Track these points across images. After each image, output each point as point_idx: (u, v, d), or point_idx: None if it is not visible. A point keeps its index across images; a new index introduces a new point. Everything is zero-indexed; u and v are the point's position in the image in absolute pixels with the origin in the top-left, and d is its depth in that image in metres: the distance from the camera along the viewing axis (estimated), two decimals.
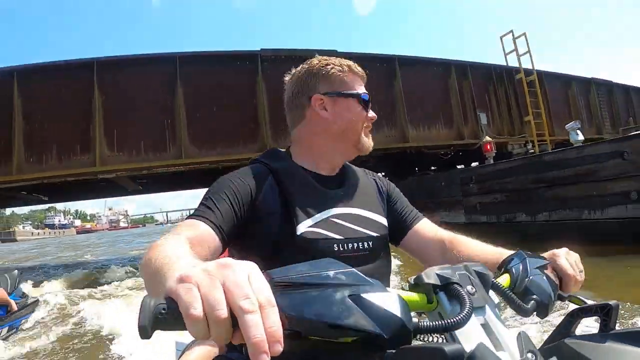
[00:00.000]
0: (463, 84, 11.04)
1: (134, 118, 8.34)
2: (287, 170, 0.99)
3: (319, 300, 0.42)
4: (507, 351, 0.48)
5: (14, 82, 8.09)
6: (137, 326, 0.38)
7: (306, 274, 0.44)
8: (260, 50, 8.88)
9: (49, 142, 8.08)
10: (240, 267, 0.41)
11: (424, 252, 1.07)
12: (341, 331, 0.42)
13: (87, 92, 8.19)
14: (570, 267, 0.77)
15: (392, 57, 9.98)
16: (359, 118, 1.02)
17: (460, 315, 0.46)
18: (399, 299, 0.45)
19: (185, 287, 0.40)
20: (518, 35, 11.60)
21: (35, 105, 8.13)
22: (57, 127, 8.10)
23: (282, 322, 0.39)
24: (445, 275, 0.52)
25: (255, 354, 0.36)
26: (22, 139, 8.01)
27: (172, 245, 0.68)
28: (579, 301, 0.71)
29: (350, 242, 0.94)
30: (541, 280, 0.65)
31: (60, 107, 8.17)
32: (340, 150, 1.04)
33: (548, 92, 12.48)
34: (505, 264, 0.72)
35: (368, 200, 1.04)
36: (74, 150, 8.15)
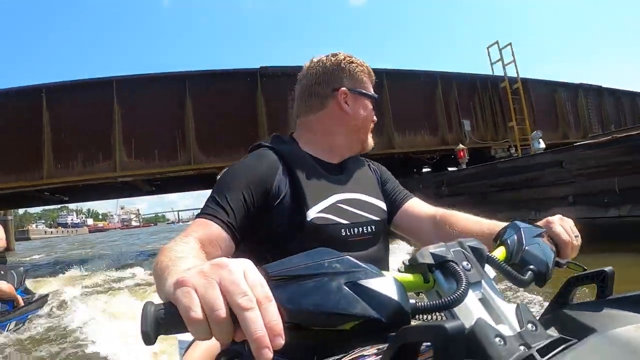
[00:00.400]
0: (448, 94, 11.93)
1: (149, 129, 9.49)
2: (296, 156, 0.99)
3: (316, 290, 0.42)
4: (506, 324, 0.47)
5: (43, 98, 9.30)
6: (140, 333, 0.39)
7: (301, 265, 0.44)
8: (259, 68, 9.96)
9: (75, 150, 9.26)
10: (235, 265, 0.41)
11: (416, 230, 1.06)
12: (340, 319, 0.42)
13: (108, 107, 9.38)
14: (565, 233, 0.76)
15: (380, 71, 10.86)
16: (370, 117, 1.06)
17: (456, 292, 0.46)
18: (395, 281, 0.45)
19: (183, 290, 0.40)
20: (504, 45, 12.37)
21: (61, 119, 9.31)
22: (81, 138, 9.28)
23: (282, 316, 0.39)
24: (440, 254, 0.52)
25: (257, 349, 0.37)
26: (50, 148, 9.19)
27: (178, 248, 0.68)
28: (577, 267, 0.70)
29: (356, 226, 0.94)
30: (537, 249, 0.64)
31: (84, 120, 9.34)
32: (351, 144, 1.06)
33: (533, 98, 13.22)
34: (500, 236, 0.69)
35: (368, 186, 1.05)
36: (97, 158, 9.33)
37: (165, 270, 0.58)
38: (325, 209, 0.92)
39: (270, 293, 0.40)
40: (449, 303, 0.45)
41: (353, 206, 0.97)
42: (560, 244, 0.75)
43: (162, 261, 0.62)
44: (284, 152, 0.98)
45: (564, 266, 0.71)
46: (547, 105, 13.83)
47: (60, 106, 9.33)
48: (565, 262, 0.72)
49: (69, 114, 9.34)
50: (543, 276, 0.62)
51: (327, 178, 0.98)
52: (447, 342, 0.36)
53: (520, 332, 0.45)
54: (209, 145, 9.62)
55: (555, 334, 0.48)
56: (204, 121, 9.58)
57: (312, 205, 0.90)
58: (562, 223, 0.79)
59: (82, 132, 9.28)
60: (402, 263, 0.55)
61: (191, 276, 0.41)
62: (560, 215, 0.81)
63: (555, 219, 0.79)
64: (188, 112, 9.62)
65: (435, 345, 0.37)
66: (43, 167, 9.11)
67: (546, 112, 13.66)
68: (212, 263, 0.42)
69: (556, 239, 0.75)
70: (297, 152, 1.00)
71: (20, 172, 9.10)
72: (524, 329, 0.46)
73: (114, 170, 9.28)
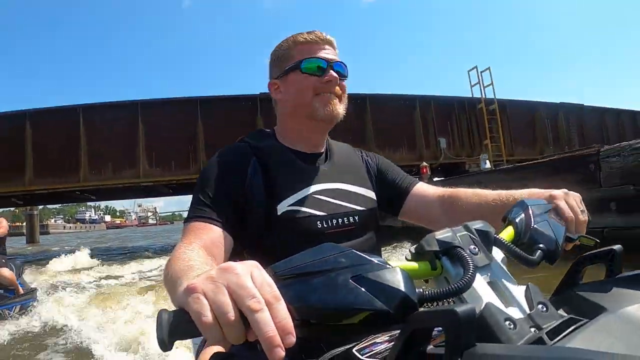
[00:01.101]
0: (426, 115, 13.50)
1: (167, 143, 11.52)
2: (270, 149, 0.96)
3: (323, 286, 0.42)
4: (516, 306, 0.47)
5: (80, 115, 11.39)
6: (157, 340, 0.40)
7: (307, 262, 0.44)
8: (259, 94, 11.78)
9: (106, 160, 11.34)
10: (241, 268, 0.42)
11: (425, 214, 1.04)
12: (348, 313, 0.42)
13: (133, 124, 11.44)
14: (568, 209, 0.72)
15: (363, 96, 12.71)
16: (304, 87, 0.95)
17: (463, 278, 0.46)
18: (401, 272, 0.45)
19: (193, 297, 0.41)
20: (483, 69, 13.69)
21: (95, 133, 11.41)
22: (111, 149, 11.36)
23: (291, 314, 0.40)
24: (446, 240, 0.51)
25: (269, 349, 0.37)
26: (86, 158, 11.25)
27: (186, 257, 0.68)
28: (588, 240, 0.70)
29: (334, 217, 0.92)
30: (546, 227, 0.62)
31: (114, 135, 11.43)
32: (300, 126, 0.99)
33: (511, 118, 14.49)
34: (507, 215, 0.66)
35: (354, 175, 1.01)
36: (124, 166, 11.40)
37: (177, 280, 0.58)
38: (298, 202, 0.90)
39: (279, 293, 0.40)
40: (456, 290, 0.45)
41: (333, 197, 0.94)
42: (565, 220, 0.70)
43: (172, 272, 0.63)
44: (256, 146, 0.96)
45: (576, 240, 0.70)
46: (526, 124, 15.00)
47: (94, 123, 11.46)
48: (577, 237, 0.70)
49: (101, 129, 11.46)
50: (553, 254, 0.59)
51: (304, 169, 0.95)
52: (459, 326, 0.35)
53: (530, 314, 0.45)
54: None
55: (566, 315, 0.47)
56: (213, 137, 11.50)
57: (283, 198, 0.89)
58: (567, 198, 0.74)
59: (112, 145, 11.38)
60: (409, 251, 0.54)
61: (200, 282, 0.42)
62: (565, 190, 0.77)
63: (560, 194, 0.75)
64: (199, 129, 11.63)
65: (447, 330, 0.37)
66: (80, 173, 11.18)
67: (524, 130, 14.86)
68: (220, 267, 0.43)
69: (561, 214, 0.70)
70: (273, 146, 0.98)
71: (62, 176, 11.21)
72: (534, 310, 0.46)
73: (138, 176, 11.36)
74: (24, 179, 11.18)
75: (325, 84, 0.95)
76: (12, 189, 11.41)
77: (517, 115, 14.87)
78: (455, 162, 13.39)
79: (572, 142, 15.69)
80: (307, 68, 0.96)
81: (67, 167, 11.19)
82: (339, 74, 0.97)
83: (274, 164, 0.94)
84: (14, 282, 4.84)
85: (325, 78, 0.95)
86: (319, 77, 0.95)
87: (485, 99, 13.63)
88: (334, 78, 0.95)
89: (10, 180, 11.18)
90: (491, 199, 0.91)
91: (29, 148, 11.19)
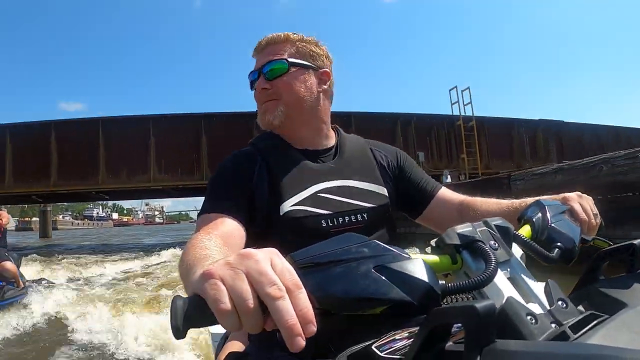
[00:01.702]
0: (407, 131, 14.95)
1: (174, 153, 13.22)
2: (275, 150, 0.96)
3: (345, 276, 0.41)
4: (536, 302, 0.47)
5: (99, 127, 13.21)
6: (171, 327, 0.38)
7: (328, 251, 0.43)
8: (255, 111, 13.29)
9: (121, 166, 13.10)
10: (261, 254, 0.41)
11: (444, 220, 1.02)
12: (370, 303, 0.41)
13: (145, 136, 13.20)
14: (582, 211, 0.74)
15: (349, 114, 14.31)
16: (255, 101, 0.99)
17: (486, 272, 0.45)
18: (424, 263, 0.44)
19: (210, 283, 0.39)
20: (463, 88, 14.85)
21: (112, 143, 13.17)
22: (126, 157, 13.10)
23: (311, 303, 0.39)
24: (466, 234, 0.51)
25: (290, 337, 0.36)
26: (104, 164, 13.02)
27: (202, 245, 0.67)
28: (603, 243, 0.68)
29: (340, 215, 0.91)
30: (563, 226, 0.62)
31: (128, 144, 13.19)
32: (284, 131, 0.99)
33: (489, 133, 15.69)
34: (524, 214, 0.66)
35: (364, 171, 0.99)
36: (137, 171, 13.15)
37: (192, 267, 0.56)
38: (302, 201, 0.89)
39: (300, 281, 0.39)
40: (479, 282, 0.44)
41: (339, 194, 0.93)
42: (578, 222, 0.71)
43: (188, 259, 0.62)
44: (261, 148, 0.97)
45: (590, 243, 0.69)
46: (504, 139, 16.14)
47: (111, 134, 13.27)
48: (592, 239, 0.70)
49: (118, 140, 13.22)
50: (570, 253, 0.59)
51: (309, 168, 0.94)
52: (478, 322, 0.35)
53: (551, 310, 0.45)
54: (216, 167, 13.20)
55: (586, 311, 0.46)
56: (214, 149, 13.18)
57: (286, 198, 0.89)
58: (581, 200, 0.76)
59: (127, 153, 13.13)
60: (429, 244, 0.53)
61: (218, 268, 0.40)
62: (579, 192, 0.78)
63: (573, 196, 0.76)
64: (203, 142, 13.37)
65: (466, 326, 0.36)
66: (99, 176, 12.96)
67: (501, 145, 16.00)
68: (239, 254, 0.41)
69: (574, 216, 0.72)
70: (279, 145, 0.97)
71: (82, 179, 13.00)
72: (554, 306, 0.45)
73: (149, 181, 13.16)
74: (49, 181, 12.97)
75: (258, 95, 0.96)
76: (39, 189, 13.28)
77: (496, 131, 15.99)
78: (433, 174, 14.61)
79: (550, 155, 16.41)
80: (250, 85, 0.99)
81: (87, 171, 13.01)
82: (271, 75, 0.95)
83: (278, 164, 0.93)
84: (15, 275, 4.99)
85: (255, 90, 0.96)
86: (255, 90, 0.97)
87: (464, 116, 14.78)
88: (257, 88, 0.95)
89: (38, 181, 13.01)
90: (505, 206, 0.91)
91: (54, 154, 13.01)
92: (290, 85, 0.95)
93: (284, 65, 0.95)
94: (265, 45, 0.98)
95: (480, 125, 15.06)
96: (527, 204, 0.77)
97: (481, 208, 0.96)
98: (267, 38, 0.99)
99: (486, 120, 16.09)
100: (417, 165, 1.12)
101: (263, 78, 0.95)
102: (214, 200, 0.88)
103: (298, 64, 0.97)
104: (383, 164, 1.05)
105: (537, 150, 16.93)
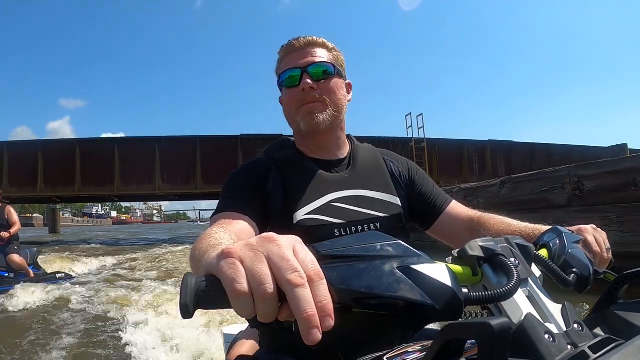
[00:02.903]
0: None
1: (175, 167, 16.62)
2: (289, 159, 0.97)
3: (368, 272, 0.40)
4: (553, 322, 0.46)
5: (115, 147, 16.65)
6: (179, 305, 0.36)
7: (353, 246, 0.42)
8: (240, 135, 16.87)
9: (132, 177, 16.53)
10: (285, 240, 0.39)
11: (453, 234, 1.03)
12: (392, 302, 0.40)
13: (152, 153, 16.60)
14: (595, 244, 0.74)
15: None
16: (289, 102, 0.97)
17: (509, 285, 0.44)
18: (449, 270, 0.44)
19: (228, 262, 0.37)
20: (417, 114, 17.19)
21: (127, 159, 16.56)
22: (136, 170, 16.52)
23: (331, 296, 0.37)
24: (489, 247, 0.50)
25: (307, 328, 0.34)
26: (119, 175, 16.41)
27: (217, 236, 0.67)
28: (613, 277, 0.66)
29: (354, 225, 0.91)
30: (579, 254, 0.62)
31: (138, 160, 16.58)
32: (300, 138, 1.01)
33: (439, 154, 18.08)
34: (541, 239, 0.66)
35: (377, 181, 1.00)
36: (144, 182, 16.53)
37: (204, 254, 0.56)
38: (316, 210, 0.90)
39: (321, 271, 0.38)
40: (501, 295, 0.43)
41: (353, 204, 0.93)
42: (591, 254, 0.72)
43: (202, 247, 0.61)
44: (275, 158, 0.97)
45: (601, 276, 0.70)
46: (454, 158, 18.48)
47: (126, 151, 16.68)
48: (603, 272, 0.70)
49: (131, 156, 16.62)
50: (585, 280, 0.59)
51: (323, 178, 0.95)
52: (493, 340, 0.34)
53: (567, 332, 0.44)
54: (209, 178, 16.58)
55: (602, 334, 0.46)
56: (207, 164, 16.60)
57: (300, 207, 0.89)
58: (595, 233, 0.77)
59: (137, 167, 16.51)
60: (452, 254, 0.52)
61: (238, 248, 0.38)
62: (594, 226, 0.79)
63: (589, 228, 0.77)
64: (197, 159, 16.76)
65: (481, 343, 0.35)
66: (114, 184, 16.34)
67: (452, 163, 18.38)
68: (261, 236, 0.39)
69: (587, 248, 0.73)
70: (292, 155, 0.99)
71: (101, 186, 16.43)
72: (570, 328, 0.45)
73: (154, 189, 16.59)
74: (74, 187, 16.34)
75: (301, 94, 0.93)
76: (65, 193, 16.73)
77: (446, 151, 18.39)
78: None
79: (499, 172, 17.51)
80: (285, 82, 0.96)
81: (105, 180, 16.40)
82: (317, 76, 0.93)
83: (292, 174, 0.94)
84: (23, 267, 5.64)
85: (300, 87, 0.93)
86: (297, 87, 0.94)
87: (416, 139, 17.01)
88: (307, 86, 0.92)
89: (65, 187, 16.42)
90: (518, 230, 0.89)
91: (78, 166, 16.38)
92: (335, 90, 0.96)
93: (331, 69, 0.96)
94: (305, 46, 0.97)
95: (432, 146, 17.25)
96: (540, 230, 0.82)
97: (492, 229, 0.94)
98: (306, 39, 0.97)
99: (439, 141, 18.40)
100: (428, 177, 1.12)
101: (308, 76, 0.94)
102: (227, 200, 0.88)
103: (339, 71, 0.98)
104: (395, 174, 1.06)
105: (486, 167, 19.10)
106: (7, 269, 5.56)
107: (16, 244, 5.82)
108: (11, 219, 5.73)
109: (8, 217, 5.71)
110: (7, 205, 5.92)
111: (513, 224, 0.93)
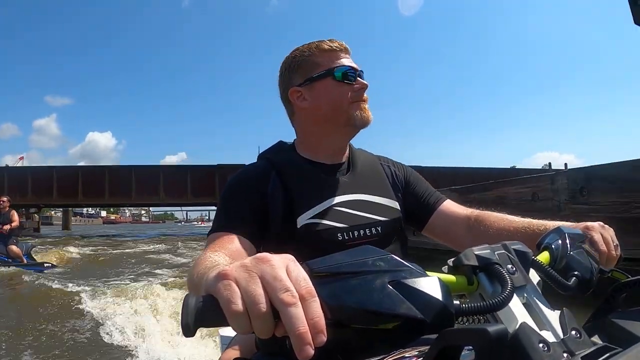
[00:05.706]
0: None
1: (174, 185, 24.88)
2: (290, 164, 0.97)
3: (359, 288, 0.41)
4: (550, 330, 0.46)
5: (132, 172, 24.95)
6: (180, 325, 0.39)
7: (344, 262, 0.43)
8: (216, 165, 25.02)
9: (145, 192, 24.87)
10: (277, 260, 0.40)
11: (449, 232, 1.03)
12: (383, 318, 0.40)
13: (158, 176, 25.02)
14: (602, 242, 0.73)
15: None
16: (339, 95, 0.96)
17: (501, 295, 0.44)
18: (440, 282, 0.43)
19: (224, 283, 0.39)
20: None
21: (142, 178, 24.78)
22: (148, 187, 24.79)
23: (324, 313, 0.38)
24: (485, 256, 0.50)
25: (299, 345, 0.36)
26: (134, 191, 24.66)
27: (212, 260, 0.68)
28: (621, 275, 0.67)
29: (356, 229, 0.92)
30: (582, 255, 0.61)
31: (149, 181, 24.84)
32: (333, 133, 0.99)
33: None
34: (543, 240, 0.65)
35: (376, 185, 1.01)
36: (154, 195, 24.98)
37: (202, 277, 0.56)
38: (318, 214, 0.90)
39: (314, 289, 0.39)
40: (494, 305, 0.44)
41: (354, 208, 0.94)
42: (598, 253, 0.71)
43: (199, 271, 0.62)
44: (275, 162, 0.97)
45: (608, 274, 0.69)
46: None
47: (142, 174, 24.82)
48: (609, 270, 0.70)
49: (143, 177, 24.76)
50: (587, 283, 0.58)
51: (325, 181, 0.96)
52: (489, 346, 0.35)
53: (564, 339, 0.44)
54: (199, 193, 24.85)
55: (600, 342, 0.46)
56: (195, 185, 24.76)
57: (302, 211, 0.90)
58: (603, 231, 0.76)
59: (149, 185, 24.66)
60: (447, 263, 0.53)
61: (233, 269, 0.40)
62: (601, 223, 0.78)
63: (596, 226, 0.76)
64: (188, 180, 24.91)
65: (477, 349, 0.36)
66: (131, 197, 24.61)
67: None
68: (255, 257, 0.41)
69: (595, 247, 0.71)
70: (292, 160, 0.99)
71: (123, 198, 24.76)
72: (567, 335, 0.44)
73: (159, 201, 25.19)
74: (104, 198, 24.43)
75: (358, 91, 0.96)
76: (98, 202, 25.37)
77: None
78: None
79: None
80: (341, 76, 0.96)
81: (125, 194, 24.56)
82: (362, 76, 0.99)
83: (293, 178, 0.94)
84: (19, 255, 7.23)
85: (357, 86, 0.96)
86: (351, 84, 0.96)
87: None
88: (365, 85, 0.97)
89: (97, 198, 24.63)
90: (521, 226, 0.89)
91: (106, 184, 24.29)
92: None
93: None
94: (348, 51, 1.01)
95: None
96: (545, 227, 0.83)
97: (493, 226, 0.94)
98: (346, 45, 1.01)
99: None
100: (422, 178, 1.13)
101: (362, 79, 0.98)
102: (223, 217, 0.89)
103: None
104: (393, 178, 1.07)
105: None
106: (6, 255, 7.21)
107: (15, 239, 7.44)
108: (13, 218, 7.35)
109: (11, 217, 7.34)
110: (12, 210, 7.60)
111: (514, 220, 0.93)
